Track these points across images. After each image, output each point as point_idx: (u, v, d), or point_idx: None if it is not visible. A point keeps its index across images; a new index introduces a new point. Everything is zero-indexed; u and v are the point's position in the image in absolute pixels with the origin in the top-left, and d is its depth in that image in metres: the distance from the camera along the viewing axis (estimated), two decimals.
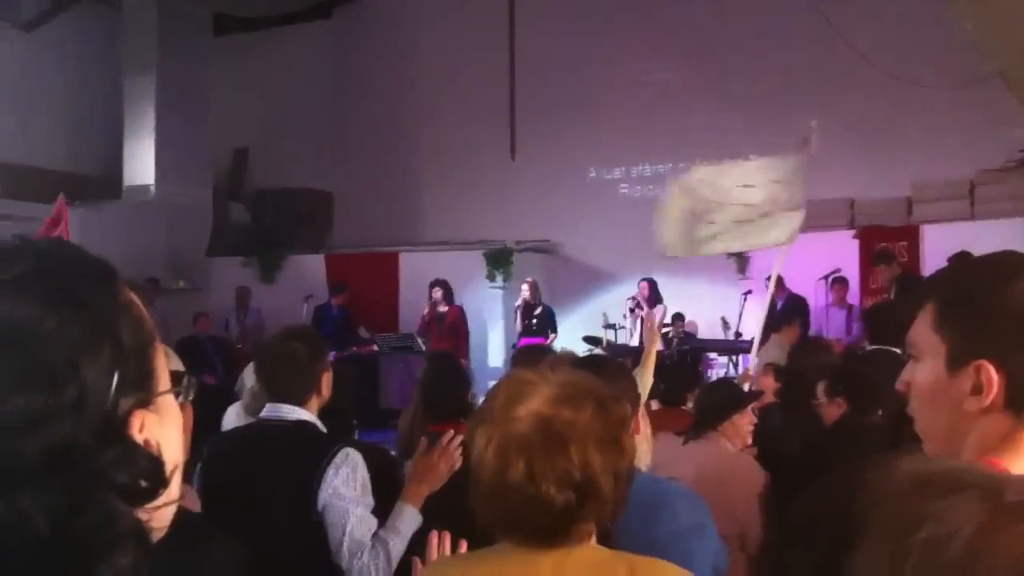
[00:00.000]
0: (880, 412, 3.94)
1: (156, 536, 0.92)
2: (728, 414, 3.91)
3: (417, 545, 3.17)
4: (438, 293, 12.62)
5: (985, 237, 10.87)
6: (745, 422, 3.96)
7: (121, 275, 0.94)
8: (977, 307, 1.44)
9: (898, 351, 5.24)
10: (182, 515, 2.10)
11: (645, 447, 2.53)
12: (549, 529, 1.60)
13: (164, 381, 0.96)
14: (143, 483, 0.87)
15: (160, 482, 0.89)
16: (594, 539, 1.68)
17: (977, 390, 1.40)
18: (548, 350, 10.86)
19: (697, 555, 2.21)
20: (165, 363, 0.97)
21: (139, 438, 0.89)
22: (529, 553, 1.63)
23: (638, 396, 2.63)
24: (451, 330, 12.50)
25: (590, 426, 1.60)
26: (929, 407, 1.49)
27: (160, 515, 0.91)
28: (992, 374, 1.38)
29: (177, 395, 1.00)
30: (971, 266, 1.56)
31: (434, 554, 2.16)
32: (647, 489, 2.28)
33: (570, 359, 3.10)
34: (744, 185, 7.38)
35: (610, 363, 2.82)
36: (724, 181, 7.45)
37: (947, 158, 12.42)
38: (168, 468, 0.90)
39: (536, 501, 1.56)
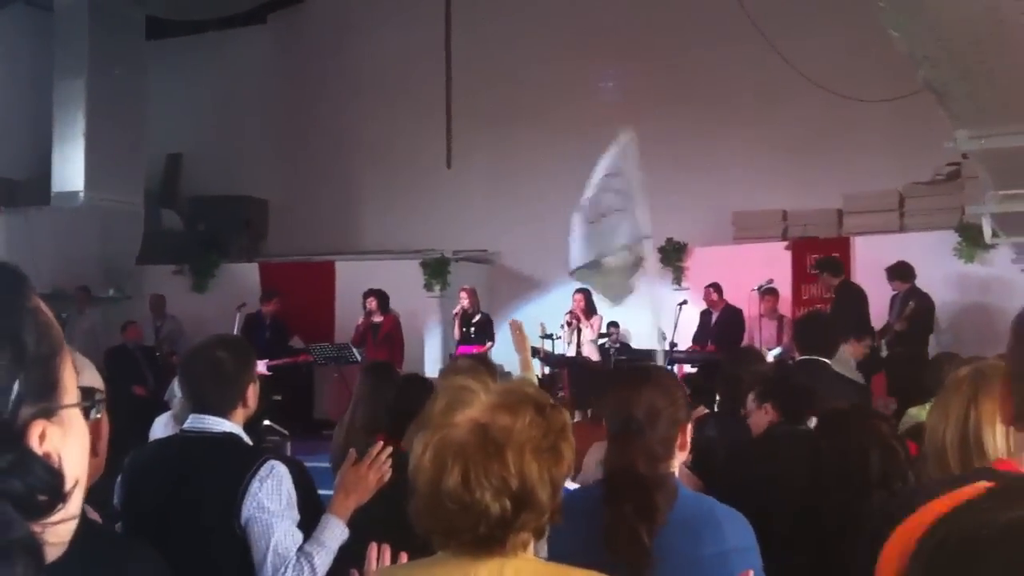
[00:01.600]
0: (812, 421, 3.96)
1: (54, 553, 0.88)
2: None
3: (351, 558, 3.14)
4: (373, 303, 12.55)
5: (914, 248, 11.12)
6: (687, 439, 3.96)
7: (32, 282, 0.91)
8: None
9: (827, 361, 5.32)
10: (97, 529, 2.05)
11: (676, 463, 2.50)
12: (485, 537, 1.58)
13: (71, 393, 0.92)
14: (40, 496, 0.84)
15: (58, 496, 0.85)
16: (531, 550, 1.66)
17: None
18: (486, 358, 10.88)
19: None
20: (73, 375, 0.94)
21: (39, 449, 0.85)
22: (465, 563, 1.61)
23: (689, 412, 2.58)
24: (386, 339, 12.43)
25: (527, 433, 1.59)
26: None
27: (57, 531, 0.87)
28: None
29: (87, 410, 0.96)
30: None
31: (373, 566, 2.13)
32: (693, 507, 2.27)
33: (628, 368, 3.07)
34: None
35: (665, 375, 2.76)
36: None
37: (878, 171, 12.65)
38: (68, 483, 0.87)
39: (471, 508, 1.55)
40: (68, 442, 0.90)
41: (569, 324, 12.20)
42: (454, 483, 1.56)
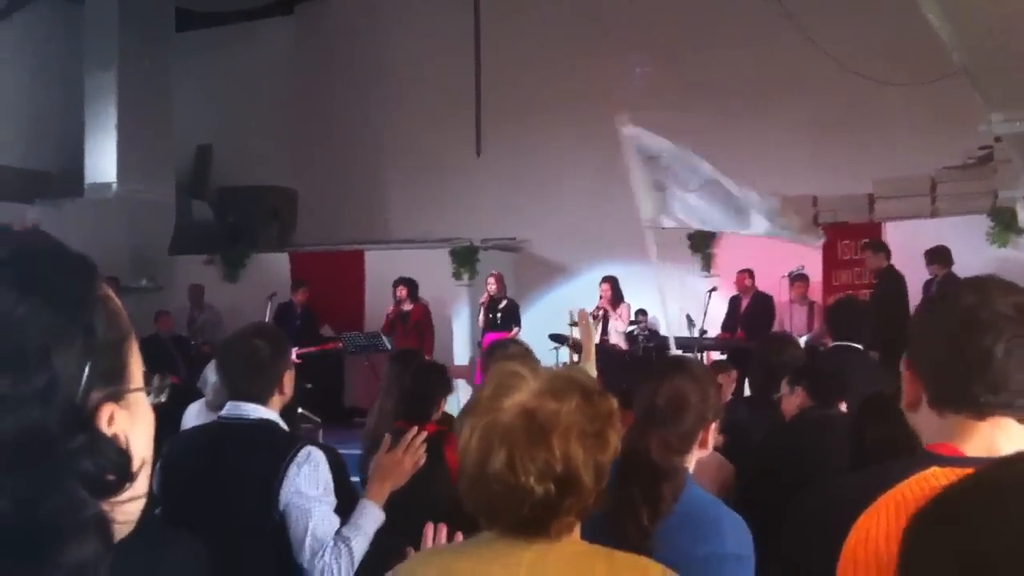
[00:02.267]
0: (843, 405, 3.95)
1: (121, 531, 0.92)
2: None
3: (387, 541, 3.17)
4: (402, 291, 12.59)
5: (945, 233, 11.02)
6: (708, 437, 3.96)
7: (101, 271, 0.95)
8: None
9: (859, 347, 5.30)
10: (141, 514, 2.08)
11: (692, 458, 2.49)
12: (529, 520, 1.61)
13: (137, 378, 0.96)
14: (109, 476, 0.87)
15: (126, 476, 0.89)
16: (576, 533, 1.68)
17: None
18: (518, 343, 10.88)
19: None
20: (139, 361, 0.98)
21: (108, 431, 0.89)
22: (510, 545, 1.64)
23: (719, 410, 2.58)
24: (416, 328, 12.47)
25: (573, 417, 1.61)
26: None
27: (125, 510, 0.91)
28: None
29: (149, 393, 1.00)
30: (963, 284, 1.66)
31: (429, 543, 2.16)
32: (698, 506, 2.28)
33: (663, 358, 3.08)
34: None
35: (700, 369, 2.76)
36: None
37: (909, 155, 12.55)
38: (136, 463, 0.90)
39: (516, 491, 1.58)
40: (135, 425, 0.94)
41: (595, 316, 12.18)
42: (500, 466, 1.58)
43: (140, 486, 0.92)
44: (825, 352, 6.02)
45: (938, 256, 10.40)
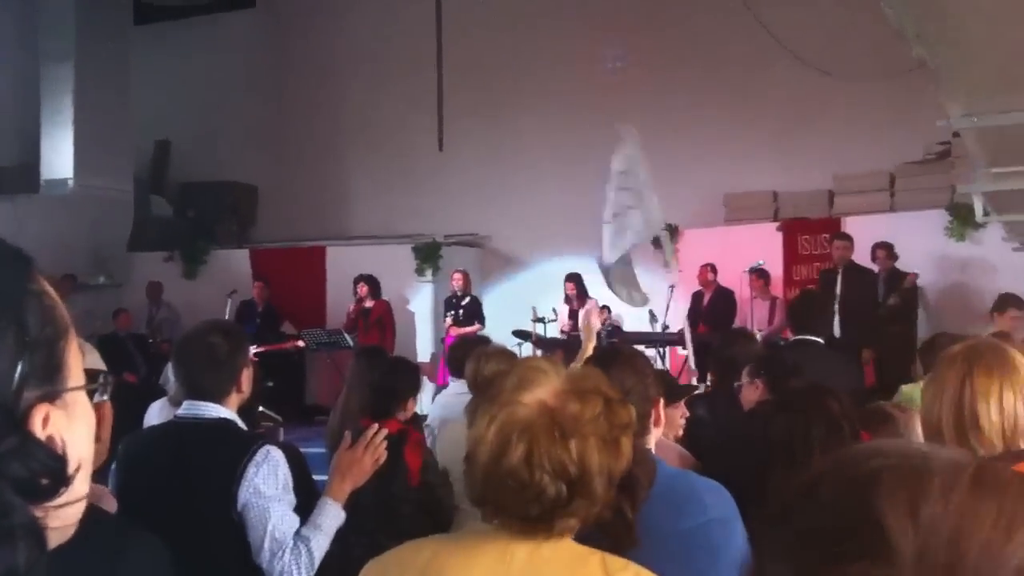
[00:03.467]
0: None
1: (59, 537, 0.89)
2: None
3: (347, 541, 3.14)
4: (363, 288, 12.54)
5: (904, 228, 11.14)
6: (678, 414, 3.97)
7: (38, 265, 0.91)
8: None
9: (819, 340, 5.34)
10: (97, 515, 2.03)
11: (651, 439, 2.50)
12: (535, 517, 1.60)
13: (76, 376, 0.92)
14: (42, 480, 0.83)
15: (61, 480, 0.85)
16: (570, 536, 1.67)
17: None
18: (485, 340, 10.86)
19: (723, 549, 2.18)
20: (79, 358, 0.94)
21: (42, 433, 0.85)
22: (506, 539, 1.63)
23: (659, 387, 2.59)
24: (377, 324, 12.44)
25: (594, 424, 1.62)
26: None
27: (61, 514, 0.87)
28: None
29: (92, 392, 0.96)
30: None
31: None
32: (674, 481, 2.28)
33: (600, 350, 3.09)
34: None
35: (634, 354, 2.76)
36: None
37: (868, 150, 12.67)
38: (72, 466, 0.87)
39: (529, 488, 1.57)
40: (73, 425, 0.90)
41: (573, 311, 12.25)
42: (517, 461, 1.57)
43: (79, 489, 0.89)
44: (785, 345, 6.07)
45: (886, 246, 10.58)
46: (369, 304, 12.59)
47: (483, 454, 1.61)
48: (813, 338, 5.31)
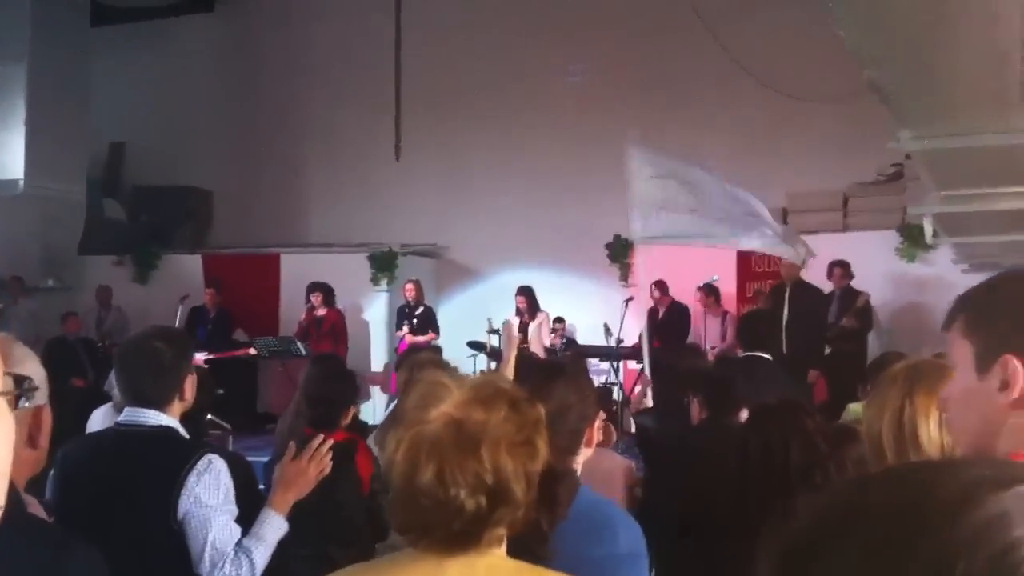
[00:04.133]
0: (743, 414, 4.02)
1: None
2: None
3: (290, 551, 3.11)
4: (317, 297, 12.46)
5: (857, 248, 11.27)
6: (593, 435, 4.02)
7: None
8: (1000, 308, 1.51)
9: (768, 356, 5.38)
10: (32, 522, 2.00)
11: (580, 459, 2.49)
12: (460, 534, 1.56)
13: None
14: None
15: None
16: (503, 547, 1.64)
17: (1005, 385, 1.45)
18: (436, 348, 10.84)
19: None
20: None
21: None
22: (436, 560, 1.59)
23: (598, 407, 2.58)
24: (330, 333, 12.36)
25: (502, 427, 1.58)
26: (963, 411, 1.57)
27: None
28: (1018, 367, 1.44)
29: (15, 399, 0.93)
30: (997, 278, 1.63)
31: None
32: (590, 508, 2.26)
33: (536, 365, 3.08)
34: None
35: (578, 371, 2.74)
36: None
37: (822, 170, 12.82)
38: None
39: (446, 505, 1.53)
40: None
41: (522, 322, 12.24)
42: (428, 480, 1.53)
43: None
44: (735, 361, 6.12)
45: (843, 264, 10.67)
46: (322, 312, 12.52)
47: (396, 477, 1.57)
48: (762, 355, 5.35)
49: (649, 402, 6.21)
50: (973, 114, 4.52)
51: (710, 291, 11.74)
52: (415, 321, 12.41)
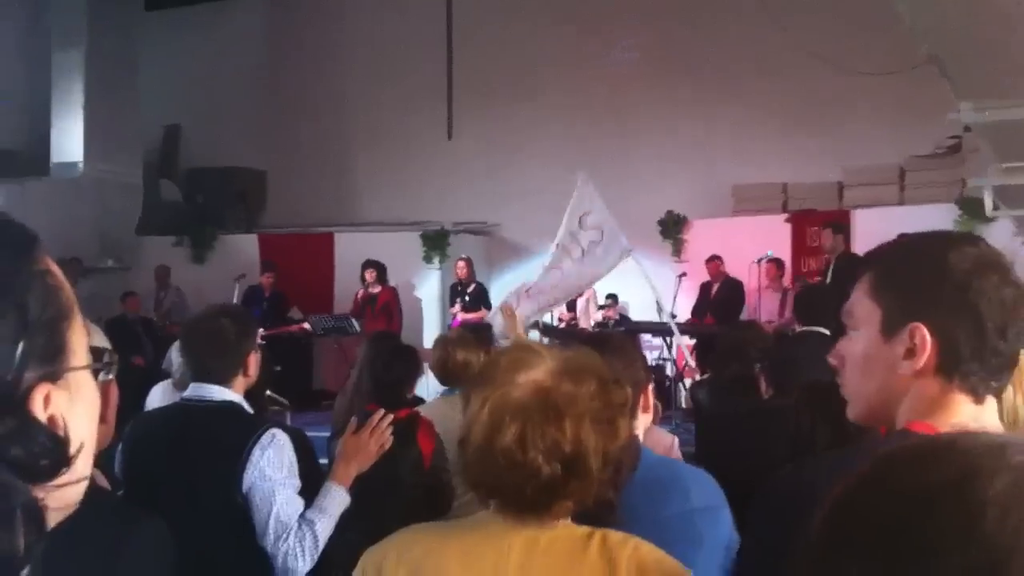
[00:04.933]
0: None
1: (57, 517, 0.88)
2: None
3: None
4: (371, 274, 12.54)
5: (914, 222, 11.04)
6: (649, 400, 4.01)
7: (45, 246, 0.90)
8: (913, 273, 1.46)
9: (827, 332, 5.33)
10: (101, 496, 2.05)
11: (639, 424, 2.50)
12: (531, 499, 1.58)
13: (79, 357, 0.91)
14: (42, 461, 0.83)
15: (61, 461, 0.85)
16: (569, 518, 1.66)
17: (910, 354, 1.42)
18: (487, 326, 10.88)
19: (708, 538, 2.16)
20: (84, 338, 0.93)
21: (43, 414, 0.84)
22: (503, 526, 1.62)
23: (648, 373, 2.58)
24: (384, 310, 12.44)
25: (589, 403, 1.60)
26: (862, 374, 1.52)
27: (62, 495, 0.87)
28: (927, 336, 1.40)
29: (97, 372, 0.96)
30: (907, 239, 1.59)
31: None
32: (659, 468, 2.25)
33: (588, 336, 3.09)
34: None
35: (623, 340, 2.77)
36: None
37: (878, 143, 12.63)
38: (73, 447, 0.86)
39: (522, 468, 1.55)
40: (75, 406, 0.89)
41: (571, 302, 12.24)
42: (509, 441, 1.56)
43: (80, 469, 0.88)
44: (791, 337, 6.07)
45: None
46: (376, 290, 12.60)
47: (476, 435, 1.60)
48: (819, 329, 5.30)
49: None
50: None
51: (776, 264, 11.60)
52: (467, 298, 12.45)
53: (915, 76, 9.46)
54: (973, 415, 1.43)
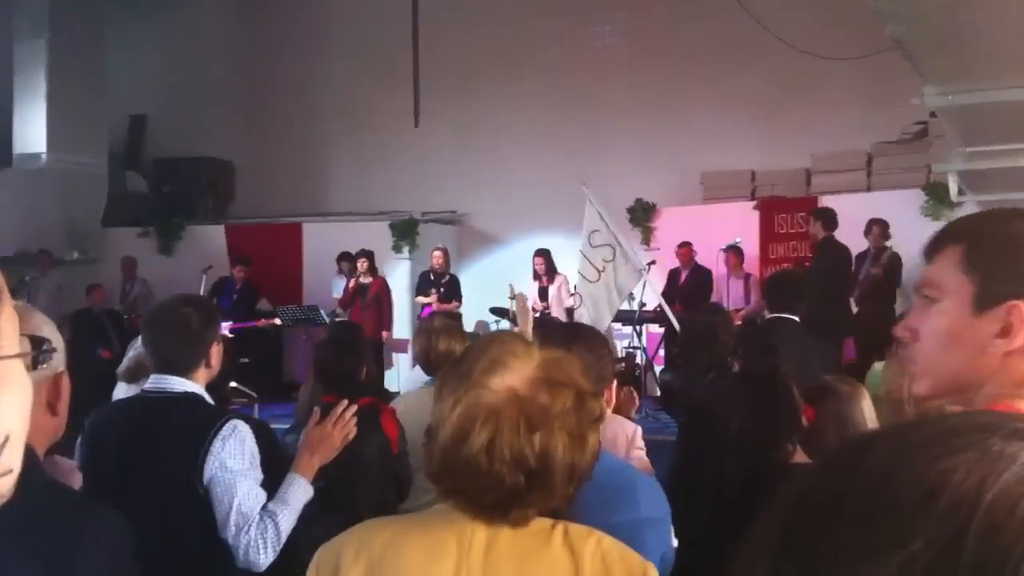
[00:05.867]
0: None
1: None
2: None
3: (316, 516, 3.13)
4: (364, 264, 12.38)
5: (881, 207, 11.17)
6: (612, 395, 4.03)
7: None
8: (1012, 248, 1.42)
9: (795, 319, 5.36)
10: (57, 489, 2.01)
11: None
12: (490, 505, 1.56)
13: (8, 345, 0.88)
14: None
15: None
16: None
17: (1005, 332, 1.38)
18: (456, 315, 10.87)
19: (650, 548, 2.14)
20: (13, 326, 0.90)
21: None
22: (466, 522, 1.59)
23: (615, 367, 2.60)
24: (375, 301, 12.29)
25: (563, 419, 1.56)
26: (943, 349, 1.46)
27: None
28: None
29: (36, 360, 0.92)
30: (1001, 212, 1.54)
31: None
32: (615, 474, 2.26)
33: (558, 327, 3.08)
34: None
35: (593, 333, 2.75)
36: None
37: (846, 130, 12.70)
38: (0, 437, 0.84)
39: (487, 477, 1.52)
40: (2, 395, 0.86)
41: (542, 288, 12.25)
42: (477, 449, 1.52)
43: (5, 462, 0.85)
44: (761, 323, 6.08)
45: (879, 223, 10.56)
46: (367, 280, 12.46)
47: (444, 436, 1.56)
48: (789, 316, 5.32)
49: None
50: (997, 68, 4.46)
51: (736, 252, 11.67)
52: (442, 289, 12.40)
53: (882, 62, 9.53)
54: None
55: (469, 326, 11.40)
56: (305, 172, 16.02)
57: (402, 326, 13.66)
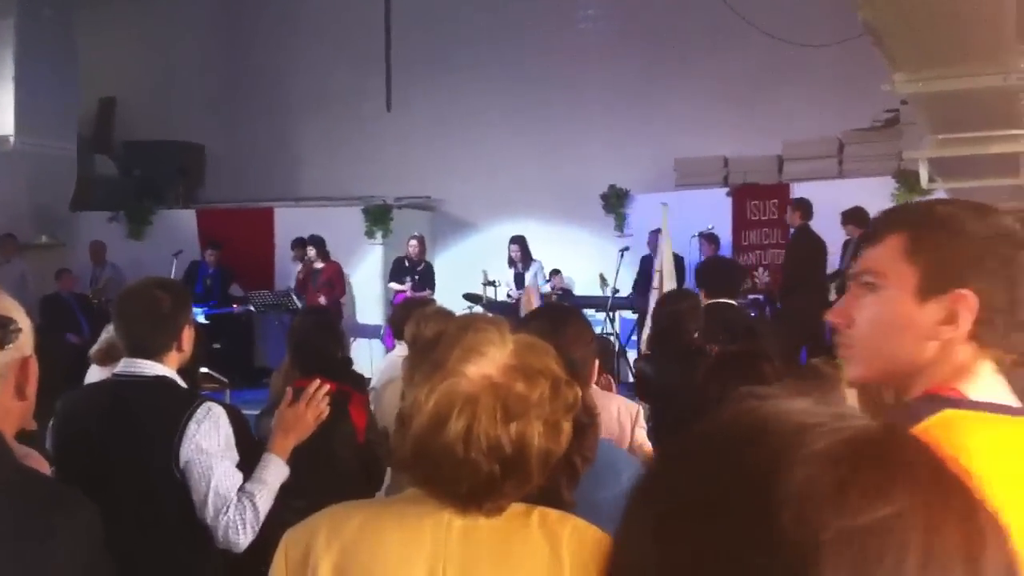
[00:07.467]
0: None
1: None
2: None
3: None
4: (312, 251, 12.46)
5: (852, 194, 11.23)
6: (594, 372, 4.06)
7: None
8: (955, 237, 1.43)
9: (733, 302, 5.47)
10: (26, 475, 1.99)
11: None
12: (465, 494, 1.55)
13: None
14: None
15: None
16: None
17: (950, 319, 1.41)
18: (430, 302, 10.86)
19: None
20: None
21: None
22: (441, 508, 1.58)
23: (594, 346, 2.61)
24: (327, 285, 12.37)
25: (539, 406, 1.55)
26: (884, 335, 1.48)
27: None
28: (973, 304, 1.39)
29: (0, 340, 0.91)
30: (943, 202, 1.57)
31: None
32: (599, 453, 2.26)
33: (546, 308, 3.08)
34: None
35: (578, 315, 2.77)
36: None
37: (817, 117, 12.75)
38: None
39: (462, 465, 1.51)
40: None
41: (518, 274, 12.28)
42: (453, 436, 1.51)
43: None
44: (704, 308, 6.17)
45: (853, 217, 10.60)
46: (319, 265, 12.51)
47: (418, 425, 1.55)
48: (725, 300, 5.45)
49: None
50: (968, 55, 4.49)
51: (709, 239, 11.71)
52: (416, 277, 12.42)
53: (855, 49, 9.55)
54: (995, 383, 1.43)
55: None
56: (277, 156, 15.93)
57: (374, 312, 13.65)
